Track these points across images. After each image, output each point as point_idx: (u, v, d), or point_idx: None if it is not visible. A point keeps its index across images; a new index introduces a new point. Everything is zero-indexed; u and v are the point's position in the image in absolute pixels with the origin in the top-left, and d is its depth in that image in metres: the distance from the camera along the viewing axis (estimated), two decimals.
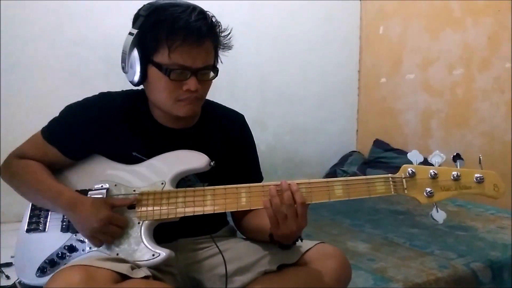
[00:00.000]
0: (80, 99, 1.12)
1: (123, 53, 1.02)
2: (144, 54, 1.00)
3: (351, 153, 3.28)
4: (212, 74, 1.05)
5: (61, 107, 1.12)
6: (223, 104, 1.24)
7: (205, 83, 1.04)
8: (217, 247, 1.03)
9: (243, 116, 1.23)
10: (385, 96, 3.25)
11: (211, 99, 1.22)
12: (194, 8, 1.00)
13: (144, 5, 1.03)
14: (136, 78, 1.02)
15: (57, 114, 1.12)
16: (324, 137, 3.33)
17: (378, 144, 3.17)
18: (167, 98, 1.02)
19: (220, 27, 1.06)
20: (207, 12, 1.03)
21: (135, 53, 1.00)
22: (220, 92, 2.67)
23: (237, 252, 1.07)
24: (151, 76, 1.02)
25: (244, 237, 1.19)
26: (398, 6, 3.10)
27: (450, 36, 2.74)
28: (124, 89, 1.15)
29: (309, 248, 1.02)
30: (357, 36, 3.41)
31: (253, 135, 1.24)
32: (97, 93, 1.13)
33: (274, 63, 3.10)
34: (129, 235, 0.99)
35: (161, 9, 0.99)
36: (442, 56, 2.80)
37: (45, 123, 1.12)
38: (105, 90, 1.16)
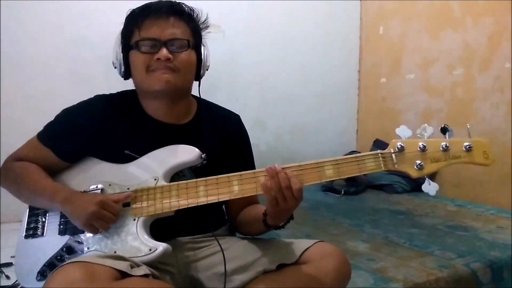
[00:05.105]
0: (80, 99, 1.13)
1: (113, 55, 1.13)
2: (124, 45, 1.09)
3: (351, 153, 3.27)
4: (187, 48, 1.08)
5: (61, 107, 1.13)
6: (222, 105, 1.25)
7: (180, 55, 1.06)
8: (219, 244, 1.03)
9: (239, 116, 1.24)
10: (385, 96, 3.25)
11: (211, 100, 1.23)
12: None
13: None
14: (122, 67, 1.10)
15: (55, 115, 1.13)
16: (324, 137, 3.33)
17: (378, 144, 3.17)
18: (141, 71, 1.07)
19: (194, 12, 1.12)
20: (180, 3, 1.11)
21: (119, 48, 1.10)
22: (220, 92, 2.70)
23: (237, 251, 1.07)
24: (131, 60, 1.08)
25: (243, 236, 1.19)
26: (398, 6, 3.10)
27: (450, 36, 2.74)
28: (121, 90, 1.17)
29: (308, 247, 1.01)
30: (357, 36, 3.41)
31: (253, 135, 1.24)
32: (92, 96, 1.15)
33: (274, 63, 3.11)
34: (125, 232, 0.99)
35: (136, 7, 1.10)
36: (442, 56, 2.80)
37: (44, 123, 1.13)
38: (105, 90, 1.17)
